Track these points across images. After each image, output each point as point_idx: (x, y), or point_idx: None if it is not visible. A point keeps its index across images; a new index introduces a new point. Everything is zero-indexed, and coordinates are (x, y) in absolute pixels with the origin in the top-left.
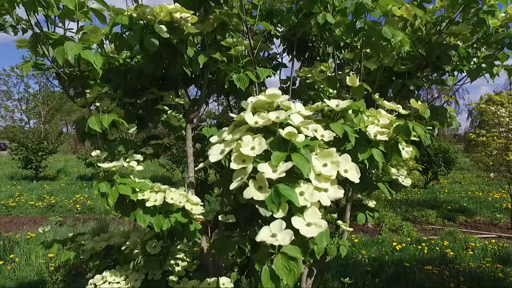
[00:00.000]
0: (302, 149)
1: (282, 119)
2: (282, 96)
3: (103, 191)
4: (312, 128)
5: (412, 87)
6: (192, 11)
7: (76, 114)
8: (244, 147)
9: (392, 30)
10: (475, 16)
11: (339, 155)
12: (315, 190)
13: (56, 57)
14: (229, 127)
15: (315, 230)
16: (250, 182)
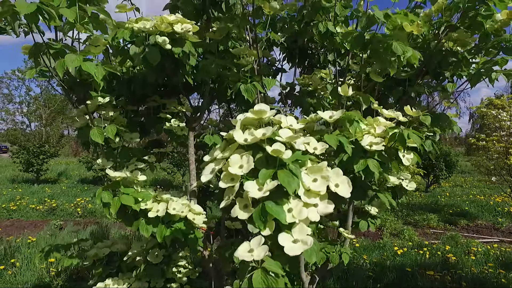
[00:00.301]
0: (291, 164)
1: (269, 135)
2: (269, 111)
3: (106, 201)
4: (304, 141)
5: (413, 94)
6: (193, 21)
7: (79, 121)
8: (232, 166)
9: (402, 46)
10: (473, 20)
11: (336, 165)
12: (304, 207)
13: (57, 69)
14: (220, 144)
15: (300, 248)
16: (237, 200)
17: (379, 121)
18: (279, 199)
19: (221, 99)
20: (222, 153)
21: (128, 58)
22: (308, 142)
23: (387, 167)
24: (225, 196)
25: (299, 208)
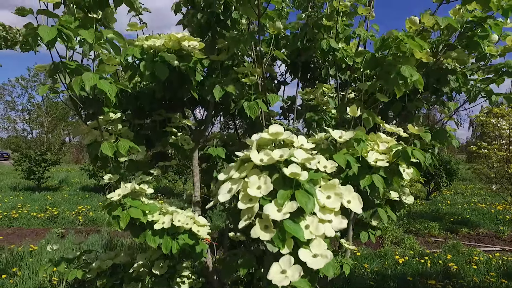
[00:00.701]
0: (306, 184)
1: (286, 157)
2: (285, 132)
3: (116, 215)
4: (315, 161)
5: (412, 109)
6: (199, 38)
7: (88, 136)
8: (251, 187)
9: (410, 70)
10: (470, 40)
11: (342, 180)
12: (320, 223)
13: (73, 86)
14: (236, 163)
15: (322, 261)
16: (256, 221)
17: (382, 138)
18: (296, 217)
19: (225, 113)
20: (238, 172)
21: (138, 74)
22: (319, 161)
23: (390, 183)
24: (242, 216)
25: (316, 224)
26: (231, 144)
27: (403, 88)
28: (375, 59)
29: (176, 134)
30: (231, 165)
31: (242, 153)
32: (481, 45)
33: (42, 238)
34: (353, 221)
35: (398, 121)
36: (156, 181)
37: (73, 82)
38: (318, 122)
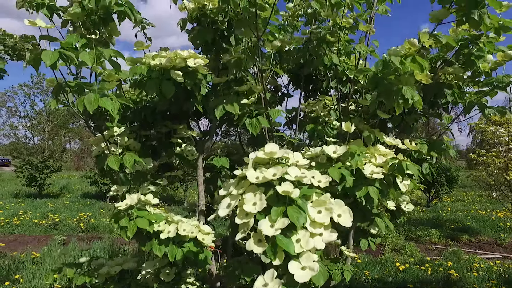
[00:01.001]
0: (299, 200)
1: (279, 176)
2: (279, 151)
3: (123, 225)
4: (310, 175)
5: (410, 122)
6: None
7: (96, 149)
8: (246, 204)
9: (411, 91)
10: (467, 58)
11: (339, 191)
12: (310, 237)
13: (78, 107)
14: (235, 180)
15: (308, 275)
16: (251, 235)
17: (380, 151)
18: (288, 232)
19: (229, 123)
20: (237, 189)
21: (145, 91)
22: (313, 176)
23: (386, 193)
24: (240, 229)
25: (306, 238)
26: (235, 153)
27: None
28: (376, 78)
29: (181, 145)
30: (230, 182)
31: (240, 171)
32: (477, 63)
33: (44, 245)
34: (353, 229)
35: (397, 132)
36: (163, 191)
37: (77, 102)
38: (319, 133)
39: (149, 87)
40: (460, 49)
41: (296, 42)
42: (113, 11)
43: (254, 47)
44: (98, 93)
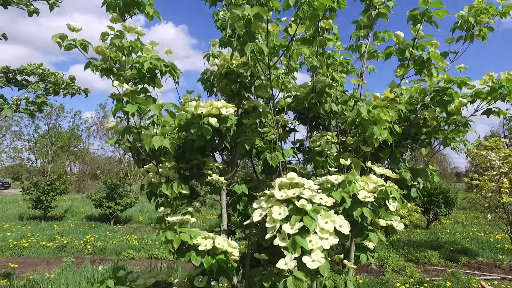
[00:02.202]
0: (311, 212)
1: (297, 194)
2: (297, 178)
3: (170, 239)
4: (319, 197)
5: (397, 154)
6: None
7: (146, 178)
8: (274, 213)
9: (380, 130)
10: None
11: (341, 211)
12: (319, 239)
13: (145, 146)
14: (265, 197)
15: (316, 265)
16: (277, 234)
17: (372, 179)
18: (303, 234)
19: (247, 155)
20: (266, 203)
21: (190, 133)
22: (322, 198)
23: (378, 212)
24: (268, 231)
25: (316, 240)
26: (249, 180)
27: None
28: (354, 121)
29: (211, 175)
30: (260, 198)
31: (269, 191)
32: (447, 107)
33: (53, 266)
34: (353, 245)
35: (389, 162)
36: (197, 212)
37: (144, 142)
38: (323, 164)
39: (194, 130)
40: (433, 96)
41: (302, 92)
42: (162, 70)
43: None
44: (161, 135)
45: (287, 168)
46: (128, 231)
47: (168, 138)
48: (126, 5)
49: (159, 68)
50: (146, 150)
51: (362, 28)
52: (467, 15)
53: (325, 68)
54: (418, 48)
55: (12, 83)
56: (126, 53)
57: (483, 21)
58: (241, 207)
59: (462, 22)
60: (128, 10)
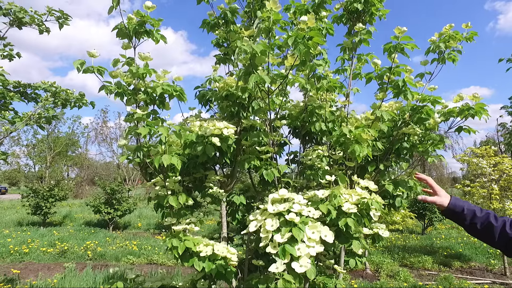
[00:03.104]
0: (300, 224)
1: (287, 208)
2: (287, 194)
3: (175, 245)
4: (307, 210)
5: (382, 167)
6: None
7: (153, 191)
8: (267, 225)
9: (360, 148)
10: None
11: (328, 221)
12: (306, 247)
13: (155, 163)
14: (260, 210)
15: (304, 268)
16: (270, 243)
17: (356, 192)
18: (292, 243)
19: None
20: (261, 216)
21: (194, 151)
22: (309, 210)
23: (361, 222)
24: (262, 240)
25: (304, 248)
26: (247, 191)
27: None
28: (338, 140)
29: (213, 188)
30: (256, 211)
31: (263, 206)
32: (424, 124)
33: (54, 272)
34: (343, 252)
35: (375, 174)
36: (200, 222)
37: (154, 160)
38: (313, 177)
39: (198, 148)
40: (412, 114)
41: (294, 111)
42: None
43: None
44: (169, 153)
45: (281, 181)
46: (127, 236)
47: (175, 156)
48: (136, 33)
49: (170, 93)
50: (156, 166)
51: (346, 52)
52: (437, 40)
53: (315, 91)
54: (395, 73)
55: (23, 96)
56: (139, 78)
57: (452, 46)
58: (239, 216)
59: (434, 47)
60: (137, 36)
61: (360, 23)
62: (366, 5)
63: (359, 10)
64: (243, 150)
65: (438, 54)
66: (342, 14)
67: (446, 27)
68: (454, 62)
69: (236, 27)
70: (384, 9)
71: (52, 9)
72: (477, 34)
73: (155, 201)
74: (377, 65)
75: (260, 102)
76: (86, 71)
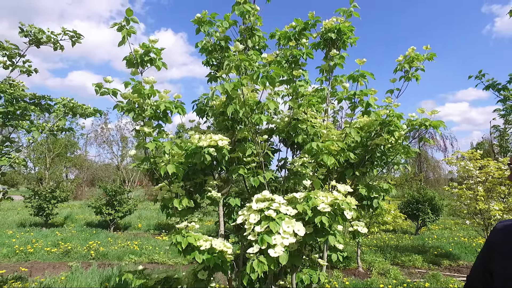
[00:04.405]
0: (277, 219)
1: (267, 206)
2: (269, 195)
3: (179, 241)
4: (286, 208)
5: (358, 173)
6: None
7: (160, 194)
8: (250, 219)
9: (328, 157)
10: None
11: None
12: (281, 238)
13: (160, 171)
14: (246, 207)
15: (278, 254)
16: (251, 233)
17: (332, 194)
18: (270, 234)
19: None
20: (247, 212)
21: (193, 159)
22: (288, 209)
23: (336, 220)
24: (247, 231)
25: (279, 238)
26: (241, 194)
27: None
28: (311, 151)
29: (211, 191)
30: (243, 209)
31: (249, 204)
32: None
33: (60, 271)
34: (326, 247)
35: (353, 179)
36: (200, 221)
37: (160, 168)
38: (298, 182)
39: (197, 157)
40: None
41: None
42: (172, 110)
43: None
44: (172, 162)
45: (270, 186)
46: (128, 237)
47: (177, 164)
48: (142, 61)
49: (171, 109)
50: (161, 174)
51: (324, 73)
52: (402, 62)
53: (297, 109)
54: (362, 95)
55: (37, 107)
56: (146, 98)
57: (415, 66)
58: (235, 217)
59: (400, 67)
60: (143, 65)
61: (335, 49)
62: (339, 35)
63: (333, 39)
64: (237, 159)
65: (404, 72)
66: (319, 41)
67: (409, 50)
68: (417, 81)
69: (230, 52)
70: (355, 37)
71: (66, 30)
72: (436, 55)
73: (161, 203)
74: (346, 88)
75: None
76: (103, 93)
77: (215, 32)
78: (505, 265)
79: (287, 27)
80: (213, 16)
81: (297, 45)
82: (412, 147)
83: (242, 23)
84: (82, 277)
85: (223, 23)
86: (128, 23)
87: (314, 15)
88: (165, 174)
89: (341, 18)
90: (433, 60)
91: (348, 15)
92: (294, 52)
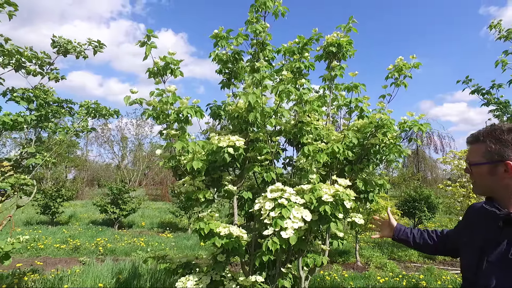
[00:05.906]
0: (288, 206)
1: (279, 195)
2: (281, 186)
3: (202, 227)
4: (295, 198)
5: (356, 169)
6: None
7: (184, 187)
8: (266, 206)
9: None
10: (381, 132)
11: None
12: (292, 222)
13: (187, 167)
14: (262, 196)
15: (288, 235)
16: (266, 217)
17: (334, 187)
18: (282, 218)
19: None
20: (263, 200)
21: (215, 157)
22: (297, 198)
23: (337, 209)
24: (263, 216)
25: (290, 223)
26: (252, 188)
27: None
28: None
29: (227, 185)
30: (259, 198)
31: (264, 194)
32: (387, 135)
33: (72, 265)
34: (328, 235)
35: (351, 174)
36: (218, 211)
37: (187, 165)
38: (303, 177)
39: (218, 156)
40: (376, 129)
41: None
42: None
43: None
44: (196, 160)
45: (279, 180)
46: (134, 234)
47: (201, 161)
48: (163, 72)
49: (192, 113)
50: (187, 169)
51: (326, 81)
52: (392, 70)
53: (302, 113)
54: (357, 101)
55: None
56: (169, 104)
57: (403, 74)
58: (247, 208)
59: (390, 74)
60: (162, 75)
61: (336, 60)
62: (339, 48)
63: (334, 52)
64: (250, 158)
65: (395, 80)
66: (322, 54)
67: (398, 60)
68: (405, 87)
69: (242, 63)
70: (353, 49)
71: (92, 40)
72: (421, 64)
73: (185, 195)
74: (343, 96)
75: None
76: (131, 103)
77: (230, 45)
78: (463, 233)
79: (290, 43)
80: (228, 32)
81: (300, 58)
82: (408, 147)
83: (254, 36)
84: (96, 269)
85: (238, 39)
86: (149, 39)
87: (317, 31)
88: (190, 170)
89: (341, 34)
90: (418, 69)
91: (347, 30)
92: (298, 64)
